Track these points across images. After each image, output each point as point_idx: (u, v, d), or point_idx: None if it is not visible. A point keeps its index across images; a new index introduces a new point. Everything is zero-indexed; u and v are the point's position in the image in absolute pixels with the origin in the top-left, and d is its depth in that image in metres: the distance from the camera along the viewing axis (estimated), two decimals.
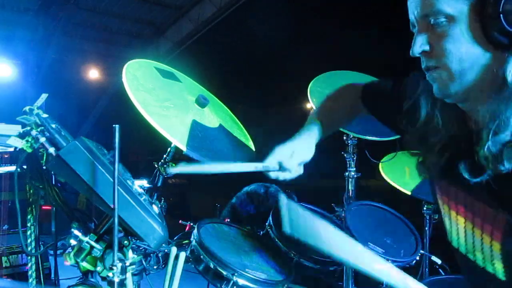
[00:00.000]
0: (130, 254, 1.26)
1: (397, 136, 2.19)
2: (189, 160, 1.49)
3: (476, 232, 0.98)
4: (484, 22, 0.86)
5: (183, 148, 1.41)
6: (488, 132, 0.88)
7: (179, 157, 1.70)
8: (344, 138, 2.33)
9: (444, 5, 0.88)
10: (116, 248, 1.10)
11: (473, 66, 0.90)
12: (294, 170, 1.35)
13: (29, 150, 1.19)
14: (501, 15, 0.83)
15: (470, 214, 0.98)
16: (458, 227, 1.03)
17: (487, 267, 0.97)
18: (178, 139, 1.42)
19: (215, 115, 1.77)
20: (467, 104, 0.98)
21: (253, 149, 1.85)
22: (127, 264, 1.21)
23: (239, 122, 1.97)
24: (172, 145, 1.66)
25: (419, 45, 0.93)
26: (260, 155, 1.80)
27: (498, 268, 0.95)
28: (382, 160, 2.47)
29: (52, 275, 2.51)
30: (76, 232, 1.22)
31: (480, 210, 0.96)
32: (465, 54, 0.89)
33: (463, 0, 0.87)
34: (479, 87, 0.92)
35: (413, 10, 0.95)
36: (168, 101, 1.58)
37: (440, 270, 2.29)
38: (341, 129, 2.14)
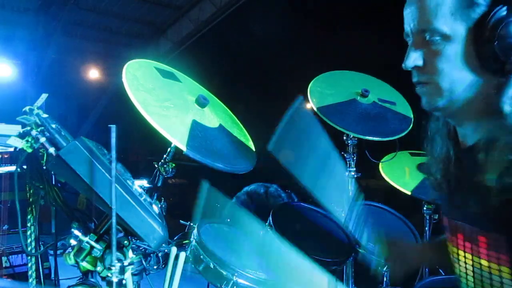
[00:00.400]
0: (130, 254, 1.26)
1: (397, 137, 2.20)
2: (189, 160, 1.49)
3: (483, 264, 0.96)
4: (479, 46, 0.88)
5: (183, 148, 1.41)
6: (489, 159, 0.88)
7: (179, 157, 1.70)
8: (344, 138, 2.33)
9: (441, 24, 0.89)
10: (114, 248, 1.10)
11: (463, 87, 0.92)
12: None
13: (29, 150, 1.19)
14: (496, 42, 0.85)
15: (476, 246, 0.98)
16: (466, 267, 1.02)
17: None
18: (178, 139, 1.42)
19: (215, 115, 1.77)
20: (455, 119, 1.01)
21: (253, 149, 1.85)
22: (126, 264, 1.21)
23: (239, 122, 1.97)
24: (172, 145, 1.66)
25: (412, 59, 0.94)
26: (260, 155, 1.81)
27: None
28: (382, 160, 2.47)
29: (52, 275, 2.50)
30: (76, 232, 1.22)
31: (483, 238, 0.95)
32: (457, 75, 0.90)
33: (461, 22, 0.88)
34: (468, 107, 0.94)
35: (410, 22, 0.95)
36: (168, 101, 1.58)
37: (440, 270, 2.29)
38: (341, 129, 2.14)
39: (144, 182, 1.63)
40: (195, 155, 1.42)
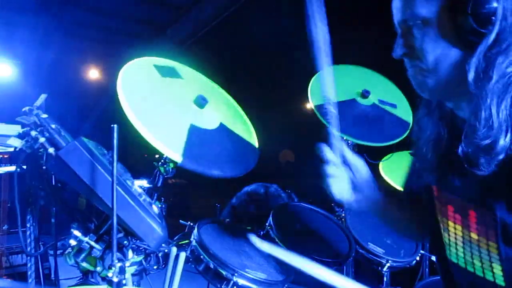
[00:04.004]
0: (130, 254, 1.26)
1: (391, 142, 2.20)
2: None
3: (473, 237, 0.99)
4: (455, 23, 0.91)
5: (178, 159, 1.37)
6: (468, 131, 0.93)
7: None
8: (344, 138, 2.33)
9: (419, 9, 0.95)
10: (115, 248, 1.10)
11: (447, 64, 0.96)
12: (344, 182, 1.28)
13: (29, 151, 1.19)
14: (470, 16, 0.88)
15: (465, 220, 1.01)
16: (456, 237, 1.05)
17: (486, 275, 0.98)
18: (173, 150, 1.36)
19: (217, 112, 1.72)
20: (452, 103, 1.05)
21: (256, 145, 1.81)
22: (127, 264, 1.21)
23: (242, 114, 1.92)
24: None
25: (400, 47, 1.02)
26: (260, 155, 1.80)
27: (497, 273, 0.96)
28: (382, 160, 2.46)
29: (52, 275, 2.50)
30: (76, 232, 1.22)
31: (473, 213, 0.98)
32: (440, 53, 0.95)
33: (435, 2, 0.93)
34: (457, 85, 0.96)
35: (395, 15, 1.03)
36: (165, 105, 1.54)
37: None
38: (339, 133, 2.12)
39: (144, 182, 1.63)
40: (191, 166, 1.39)
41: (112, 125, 1.08)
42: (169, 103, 1.59)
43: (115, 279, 1.13)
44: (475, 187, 0.95)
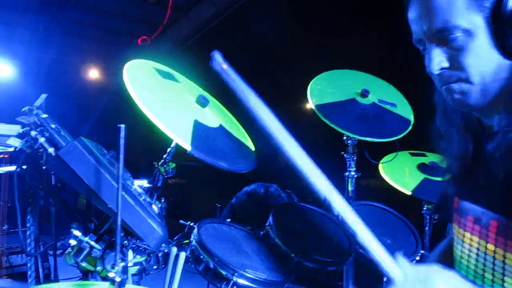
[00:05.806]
0: (130, 254, 1.26)
1: (394, 138, 2.19)
2: (189, 160, 1.48)
3: (489, 248, 0.96)
4: (501, 34, 0.85)
5: (188, 147, 1.40)
6: (499, 138, 0.89)
7: (182, 157, 1.70)
8: (344, 138, 2.33)
9: (459, 20, 0.87)
10: (118, 248, 1.10)
11: (495, 77, 0.89)
12: None
13: (29, 150, 1.19)
14: None
15: (485, 230, 0.97)
16: (470, 249, 1.02)
17: None
18: (182, 138, 1.40)
19: (215, 116, 1.77)
20: (483, 113, 0.99)
21: (253, 149, 1.84)
22: (128, 264, 1.21)
23: (238, 123, 1.97)
24: (172, 145, 1.66)
25: (437, 62, 0.92)
26: (260, 155, 1.80)
27: (508, 286, 0.93)
28: (381, 161, 2.46)
29: (52, 275, 2.50)
30: (75, 232, 1.22)
31: (495, 223, 0.94)
32: (487, 67, 0.88)
33: (476, 13, 0.86)
34: (500, 97, 0.91)
35: (421, 26, 0.93)
36: (170, 100, 1.57)
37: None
38: (338, 128, 2.13)
39: (144, 182, 1.63)
40: (200, 155, 1.41)
41: (119, 125, 1.06)
42: (173, 99, 1.61)
43: (118, 279, 1.13)
44: (502, 196, 0.90)
